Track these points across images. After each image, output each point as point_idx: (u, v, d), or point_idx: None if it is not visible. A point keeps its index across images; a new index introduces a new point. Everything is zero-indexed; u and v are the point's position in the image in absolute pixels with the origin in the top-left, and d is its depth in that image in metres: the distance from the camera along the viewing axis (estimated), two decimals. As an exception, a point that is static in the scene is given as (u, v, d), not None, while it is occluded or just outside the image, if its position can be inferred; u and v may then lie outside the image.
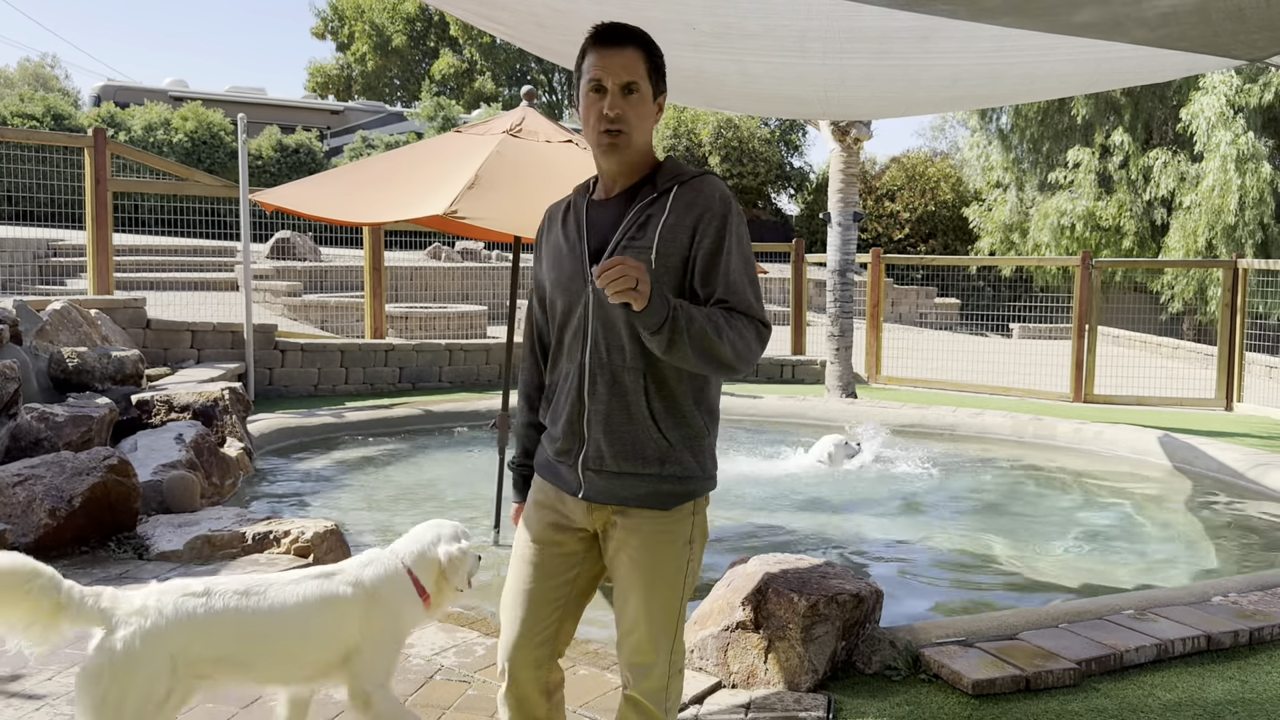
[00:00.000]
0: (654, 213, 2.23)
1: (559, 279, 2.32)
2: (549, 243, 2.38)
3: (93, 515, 5.07)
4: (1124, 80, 4.99)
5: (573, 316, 2.28)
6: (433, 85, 38.95)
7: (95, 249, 9.02)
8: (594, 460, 2.28)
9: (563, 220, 2.37)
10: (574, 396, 2.29)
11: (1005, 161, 24.01)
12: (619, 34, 2.20)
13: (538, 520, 2.42)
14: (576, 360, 2.28)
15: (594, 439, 2.27)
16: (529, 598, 2.40)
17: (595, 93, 2.19)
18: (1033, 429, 8.99)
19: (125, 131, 22.36)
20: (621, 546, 2.32)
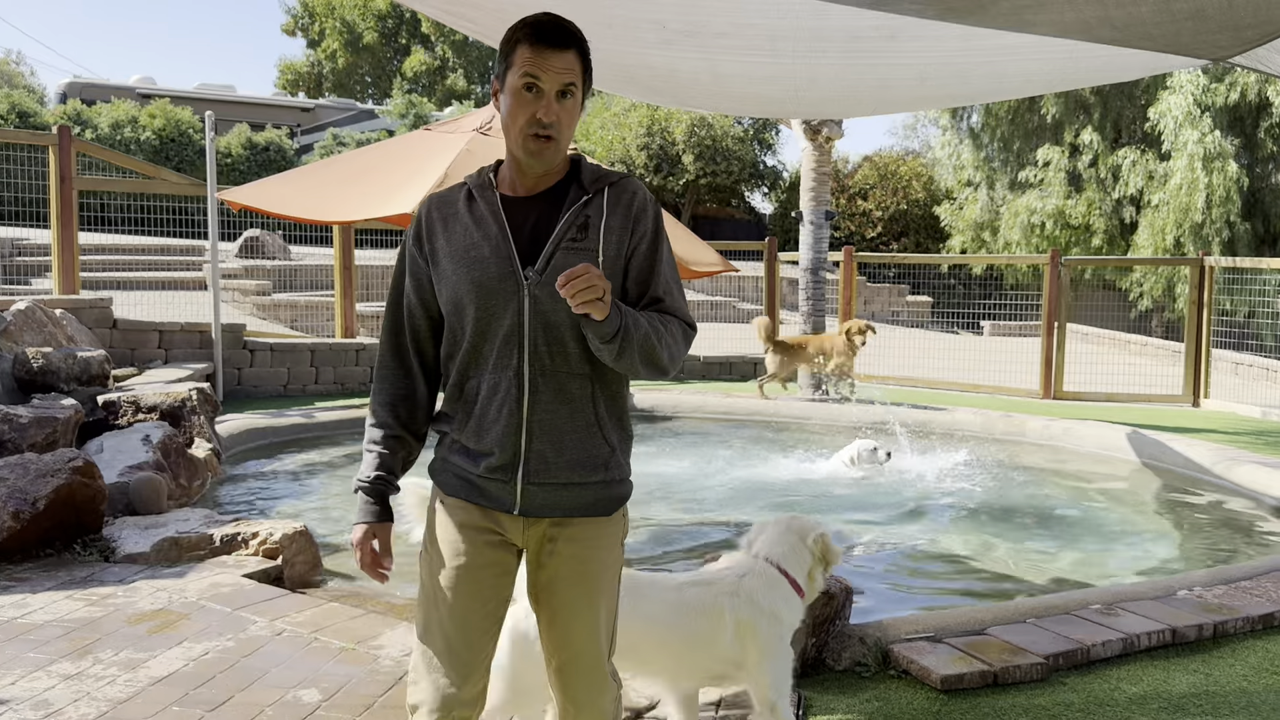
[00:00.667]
0: (592, 214, 2.14)
1: (479, 280, 2.11)
2: (448, 241, 2.16)
3: (58, 517, 5.01)
4: (1090, 79, 5.04)
5: (500, 322, 2.11)
6: (404, 82, 38.76)
7: (60, 248, 8.91)
8: (537, 473, 2.14)
9: (465, 217, 2.17)
10: (510, 408, 2.12)
11: (976, 160, 24.18)
12: (561, 34, 2.08)
13: (470, 542, 2.19)
14: (510, 368, 2.12)
15: (537, 451, 2.13)
16: (469, 630, 2.19)
17: (529, 91, 2.06)
18: (1002, 426, 9.07)
19: (92, 129, 22.10)
20: (564, 560, 2.19)
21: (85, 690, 3.45)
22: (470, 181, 2.22)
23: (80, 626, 4.03)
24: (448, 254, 2.16)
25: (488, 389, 2.14)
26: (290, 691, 3.48)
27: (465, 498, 2.20)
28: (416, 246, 2.22)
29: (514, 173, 2.17)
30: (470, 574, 2.19)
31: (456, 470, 2.21)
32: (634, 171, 26.38)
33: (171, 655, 3.77)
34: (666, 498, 6.75)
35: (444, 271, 2.16)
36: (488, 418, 2.15)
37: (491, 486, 2.17)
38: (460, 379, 2.19)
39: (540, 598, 2.25)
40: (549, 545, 2.20)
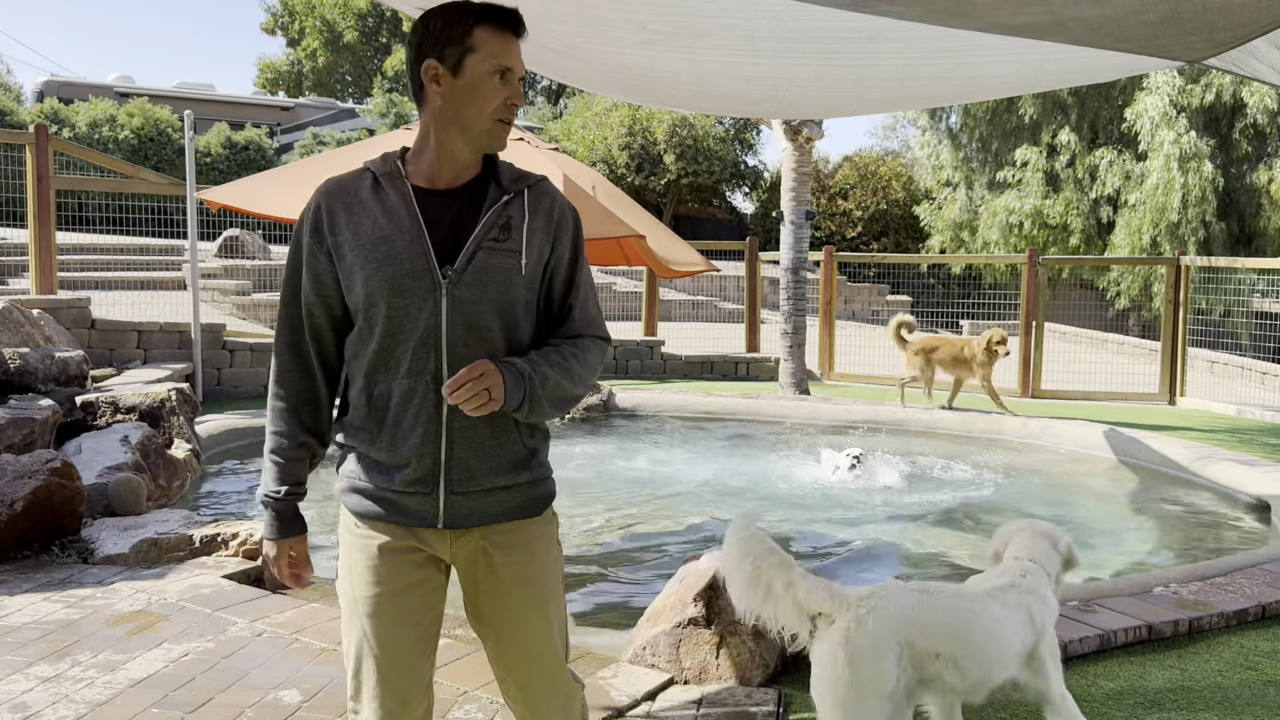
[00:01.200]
0: (514, 215, 2.05)
1: (391, 277, 1.97)
2: (354, 233, 1.99)
3: (35, 519, 4.98)
4: (1067, 80, 5.09)
5: (414, 322, 1.98)
6: (385, 81, 38.61)
7: (38, 248, 8.84)
8: (460, 482, 2.02)
9: (373, 207, 2.01)
10: (428, 414, 2.00)
11: (955, 160, 24.32)
12: (519, 20, 2.02)
13: (391, 566, 2.06)
14: (427, 372, 1.99)
15: (459, 459, 2.01)
16: (402, 658, 2.08)
17: (500, 78, 1.98)
18: (981, 424, 9.13)
19: (69, 128, 21.93)
20: (502, 567, 2.09)
21: (64, 692, 3.43)
22: (374, 168, 2.06)
23: (59, 628, 4.00)
24: (354, 247, 2.00)
25: (400, 395, 2.01)
26: (271, 692, 3.47)
27: (381, 518, 2.06)
28: (315, 239, 2.04)
29: (436, 163, 2.03)
30: (396, 601, 2.07)
31: (368, 489, 2.07)
32: (616, 171, 26.38)
33: (151, 657, 3.75)
34: (645, 498, 6.76)
35: (350, 266, 2.00)
36: (402, 426, 2.01)
37: (410, 501, 2.03)
38: (368, 384, 2.04)
39: (483, 615, 2.14)
40: (483, 559, 2.09)
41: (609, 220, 4.69)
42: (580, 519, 6.15)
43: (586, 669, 3.72)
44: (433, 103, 2.00)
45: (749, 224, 28.94)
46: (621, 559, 5.50)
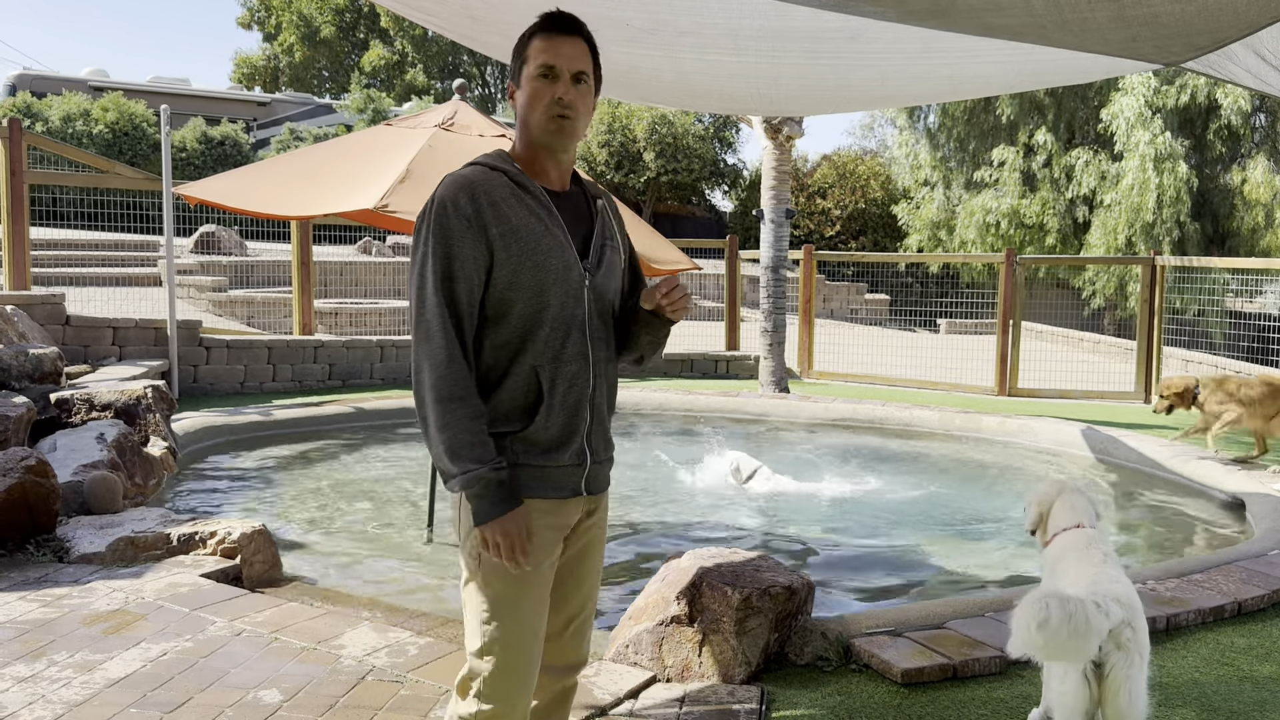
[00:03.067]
0: (610, 216, 2.35)
1: (558, 270, 2.16)
2: (511, 226, 2.13)
3: (10, 517, 4.92)
4: (1047, 81, 5.13)
5: (571, 311, 2.19)
6: (362, 77, 38.40)
7: (11, 244, 8.73)
8: (597, 453, 2.30)
9: (521, 202, 2.17)
10: (581, 395, 2.22)
11: (933, 160, 24.43)
12: (571, 23, 2.22)
13: (550, 540, 2.25)
14: (583, 357, 2.21)
15: (597, 433, 2.29)
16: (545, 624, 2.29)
17: (544, 78, 2.17)
18: (959, 422, 9.18)
19: (43, 122, 21.67)
20: (590, 530, 2.38)
21: (40, 693, 3.40)
22: (502, 166, 2.21)
23: (34, 628, 3.96)
24: (516, 239, 2.14)
25: (565, 379, 2.20)
26: (251, 692, 3.45)
27: (542, 494, 2.22)
28: (474, 228, 2.12)
29: (543, 164, 2.24)
30: (548, 571, 2.27)
31: (532, 469, 2.21)
32: (595, 168, 26.35)
33: (129, 656, 3.72)
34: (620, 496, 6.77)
35: (516, 256, 2.14)
36: (567, 406, 2.20)
37: (566, 474, 2.24)
38: (527, 370, 2.18)
39: (568, 566, 2.35)
40: (586, 519, 2.36)
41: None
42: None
43: (569, 667, 3.72)
44: (518, 111, 2.24)
45: (728, 222, 28.98)
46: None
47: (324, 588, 4.80)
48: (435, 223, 2.14)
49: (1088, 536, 3.12)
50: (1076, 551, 3.06)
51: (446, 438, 2.10)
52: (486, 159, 2.24)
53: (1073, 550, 3.07)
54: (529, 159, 2.25)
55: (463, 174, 2.18)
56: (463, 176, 2.17)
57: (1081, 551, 3.05)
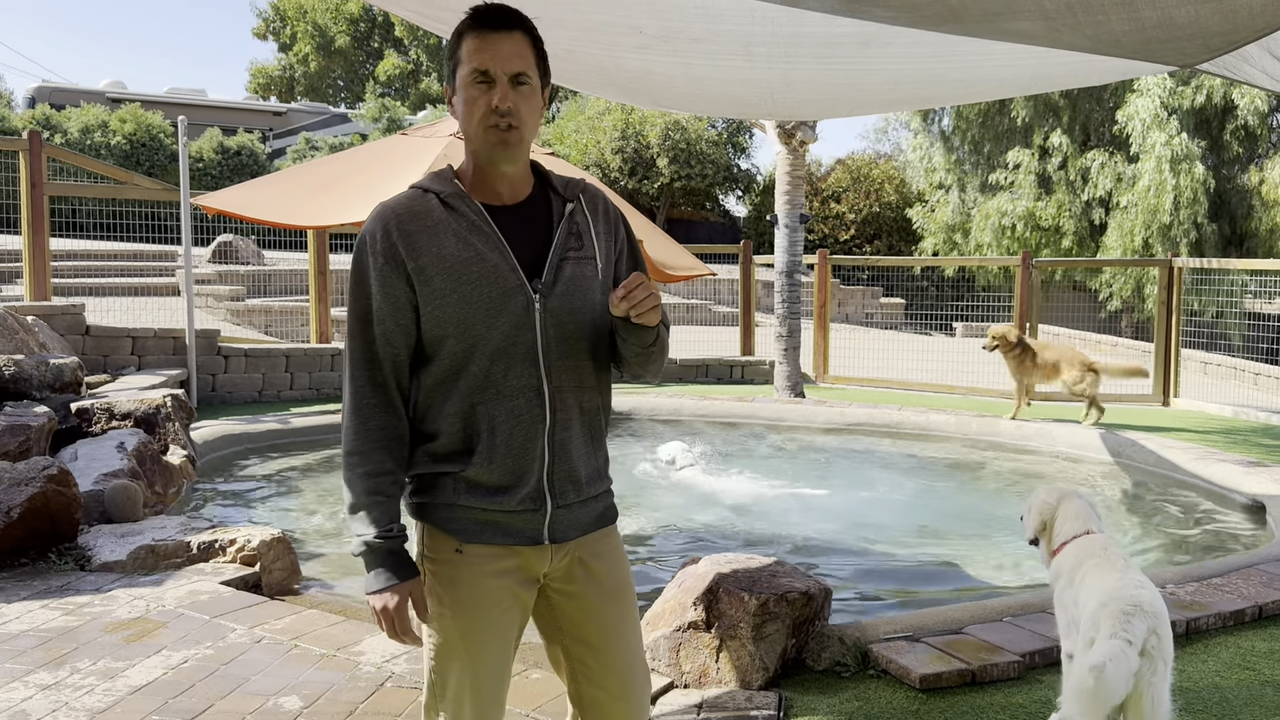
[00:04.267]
0: (580, 221, 2.08)
1: (490, 296, 1.95)
2: (438, 255, 1.95)
3: (32, 527, 4.96)
4: (1060, 84, 5.12)
5: (515, 340, 1.97)
6: (377, 86, 38.58)
7: (31, 254, 8.82)
8: (563, 495, 2.04)
9: (452, 226, 1.97)
10: (533, 431, 1.99)
11: (947, 163, 24.39)
12: (503, 17, 1.95)
13: (500, 588, 2.03)
14: (530, 389, 1.98)
15: (560, 472, 2.03)
16: (502, 683, 2.08)
17: (480, 84, 1.93)
18: (976, 426, 9.15)
19: (62, 134, 21.88)
20: (600, 576, 2.11)
21: (63, 700, 3.43)
22: (434, 188, 2.01)
23: (57, 636, 4.00)
24: (441, 270, 1.95)
25: (506, 414, 1.98)
26: (271, 699, 3.47)
27: (488, 540, 2.01)
28: (390, 265, 1.95)
29: (487, 178, 2.03)
30: (502, 624, 2.04)
31: (471, 511, 2.01)
32: (609, 175, 26.40)
33: (150, 664, 3.75)
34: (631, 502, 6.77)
35: (438, 289, 1.95)
36: (513, 445, 1.98)
37: (519, 520, 2.01)
38: (466, 408, 1.98)
39: (580, 630, 2.11)
40: (580, 570, 2.10)
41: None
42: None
43: (586, 673, 3.73)
44: (459, 123, 2.02)
45: (742, 227, 28.99)
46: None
47: (343, 595, 4.83)
48: (354, 262, 2.00)
49: (1101, 541, 3.12)
50: (1094, 558, 3.05)
51: (346, 495, 2.00)
52: (424, 180, 2.04)
53: (1090, 556, 3.07)
54: (474, 173, 2.04)
55: (387, 204, 2.00)
56: (386, 207, 1.99)
57: (1099, 557, 3.04)
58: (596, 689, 2.13)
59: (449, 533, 2.03)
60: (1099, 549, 3.08)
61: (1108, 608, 2.68)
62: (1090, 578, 2.98)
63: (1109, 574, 2.94)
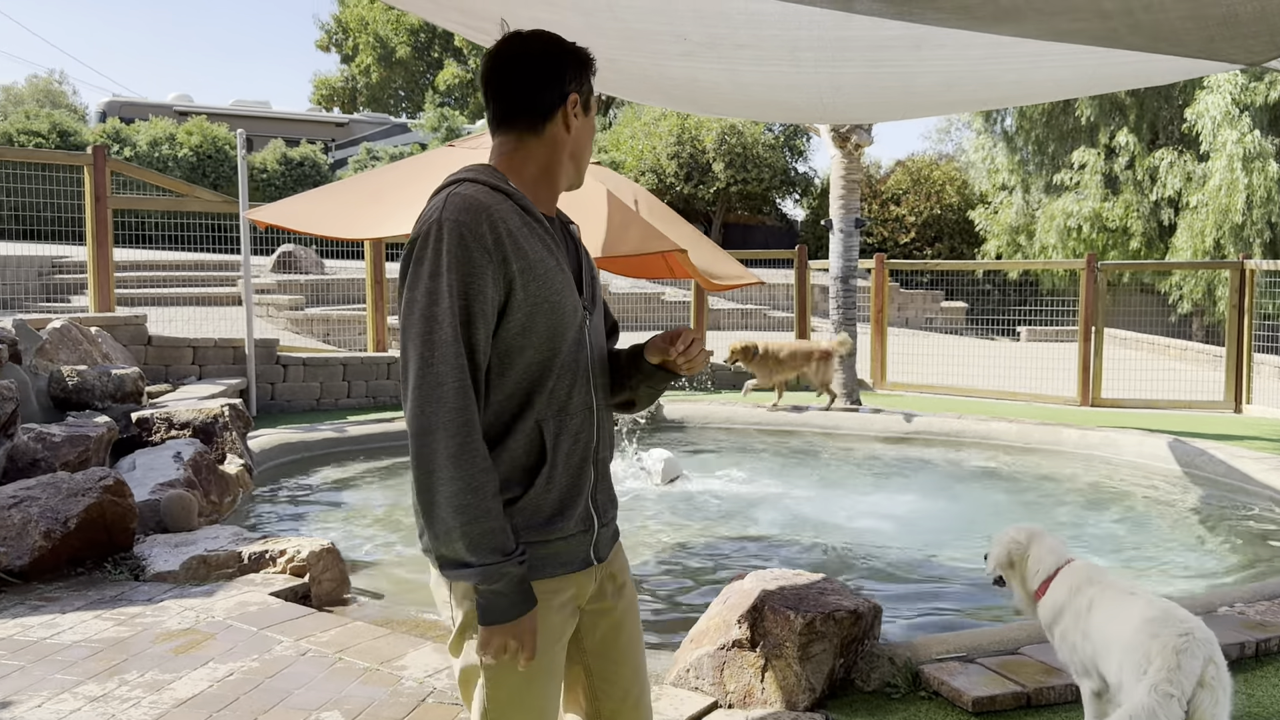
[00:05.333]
0: (581, 242, 2.13)
1: (567, 310, 1.90)
2: (530, 260, 1.84)
3: (88, 537, 5.05)
4: (1121, 84, 4.96)
5: (575, 356, 1.93)
6: (436, 96, 39.02)
7: (96, 266, 9.03)
8: (604, 513, 2.02)
9: (533, 233, 1.89)
10: (586, 450, 1.95)
11: (1010, 164, 23.93)
12: None
13: (560, 626, 1.96)
14: (587, 407, 1.95)
15: (603, 491, 2.02)
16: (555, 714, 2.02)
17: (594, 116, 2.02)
18: (1038, 435, 8.92)
19: (130, 147, 22.44)
20: (620, 593, 2.09)
21: (110, 713, 3.46)
22: (503, 188, 1.89)
23: (108, 647, 4.04)
24: (537, 276, 1.85)
25: (570, 433, 1.91)
26: (313, 713, 3.47)
27: (549, 573, 1.92)
28: (493, 264, 1.80)
29: (545, 196, 1.98)
30: (560, 657, 1.99)
31: (533, 546, 1.89)
32: (664, 180, 26.36)
33: (196, 676, 3.77)
34: (685, 511, 6.70)
35: (533, 296, 1.84)
36: (570, 465, 1.91)
37: (575, 544, 1.95)
38: (531, 426, 1.88)
39: (605, 643, 2.07)
40: (611, 585, 2.07)
41: (651, 235, 4.64)
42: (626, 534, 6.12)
43: (629, 691, 3.68)
44: (559, 134, 1.94)
45: (799, 231, 28.75)
46: (667, 574, 5.44)
47: (390, 606, 4.84)
48: (452, 253, 1.78)
49: (1087, 568, 3.00)
50: (1093, 585, 2.92)
51: (463, 521, 1.78)
52: (483, 176, 1.88)
53: (1087, 584, 2.94)
54: (534, 186, 1.95)
55: (471, 195, 1.82)
56: (473, 199, 1.81)
57: (1099, 584, 2.91)
58: (618, 702, 2.11)
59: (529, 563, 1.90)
60: (1092, 575, 2.95)
61: (1160, 639, 2.54)
62: (1101, 606, 2.85)
63: (1126, 600, 2.81)
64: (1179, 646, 2.52)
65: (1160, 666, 2.54)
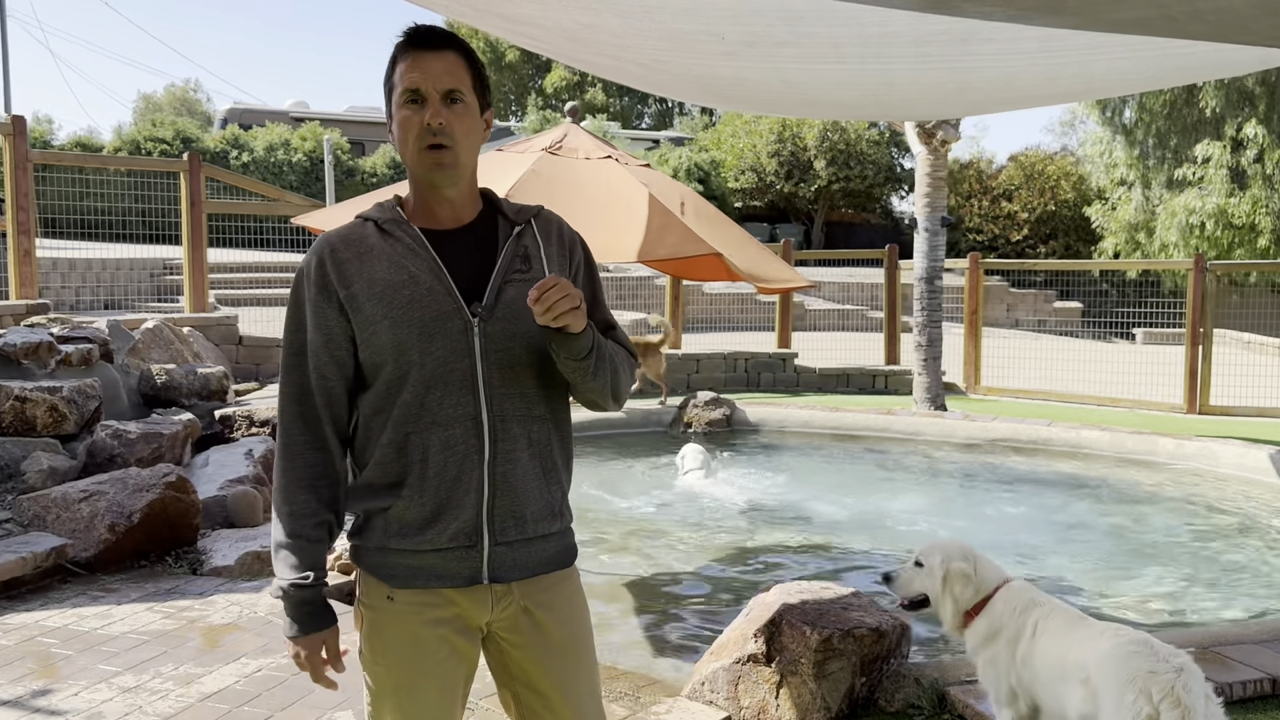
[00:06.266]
0: (529, 244, 2.00)
1: (421, 320, 1.89)
2: (369, 282, 1.90)
3: (151, 530, 5.25)
4: (1193, 75, 4.66)
5: (450, 365, 1.90)
6: (539, 99, 39.54)
7: (191, 268, 9.41)
8: (504, 532, 1.93)
9: (385, 253, 1.93)
10: (470, 461, 1.90)
11: (1130, 158, 22.90)
12: (435, 37, 1.92)
13: (439, 635, 1.94)
14: (467, 418, 1.90)
15: (501, 506, 1.92)
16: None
17: (412, 104, 1.90)
18: (1132, 444, 8.49)
19: (248, 152, 23.35)
20: (547, 627, 1.99)
21: (138, 704, 3.58)
22: (373, 215, 1.98)
23: (152, 639, 4.19)
24: (372, 296, 1.90)
25: (439, 444, 1.90)
26: (327, 713, 3.52)
27: (421, 584, 1.92)
28: (322, 295, 1.92)
29: (427, 203, 1.97)
30: (438, 673, 1.95)
31: (403, 552, 1.92)
32: (765, 179, 26.11)
33: (227, 671, 3.88)
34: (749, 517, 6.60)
35: (369, 316, 1.90)
36: (445, 478, 1.90)
37: (452, 560, 1.92)
38: (399, 438, 1.91)
39: (529, 679, 2.01)
40: (526, 619, 1.98)
41: (689, 239, 4.58)
42: (675, 538, 6.06)
43: (644, 701, 3.62)
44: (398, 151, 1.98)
45: (905, 229, 28.10)
46: (703, 582, 5.36)
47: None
48: (291, 294, 1.97)
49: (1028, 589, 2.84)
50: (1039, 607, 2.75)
51: (274, 536, 1.93)
52: (367, 209, 2.01)
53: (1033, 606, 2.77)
54: (416, 199, 1.99)
55: (325, 235, 1.98)
56: (323, 239, 1.97)
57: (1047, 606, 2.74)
58: None
59: (381, 578, 1.95)
60: (1036, 598, 2.77)
61: (1159, 677, 2.37)
62: (1051, 631, 2.67)
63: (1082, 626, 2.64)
64: (1181, 685, 2.35)
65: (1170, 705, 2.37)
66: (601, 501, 6.92)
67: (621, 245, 4.55)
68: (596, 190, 4.93)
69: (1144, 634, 2.59)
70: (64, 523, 5.15)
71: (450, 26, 20.19)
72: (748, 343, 13.05)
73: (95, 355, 7.14)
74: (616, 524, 6.39)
